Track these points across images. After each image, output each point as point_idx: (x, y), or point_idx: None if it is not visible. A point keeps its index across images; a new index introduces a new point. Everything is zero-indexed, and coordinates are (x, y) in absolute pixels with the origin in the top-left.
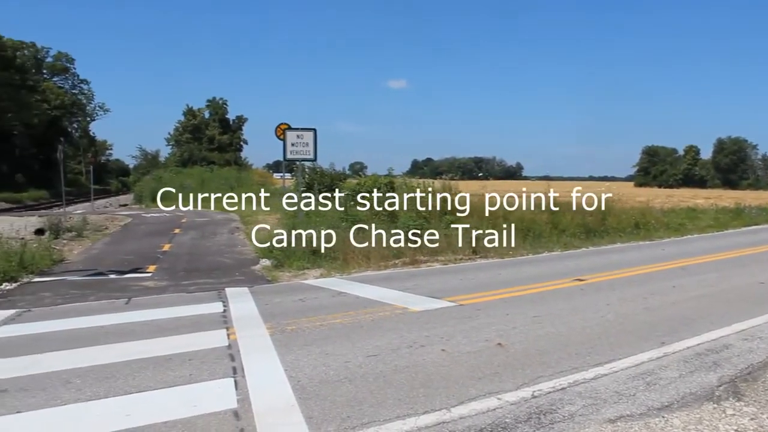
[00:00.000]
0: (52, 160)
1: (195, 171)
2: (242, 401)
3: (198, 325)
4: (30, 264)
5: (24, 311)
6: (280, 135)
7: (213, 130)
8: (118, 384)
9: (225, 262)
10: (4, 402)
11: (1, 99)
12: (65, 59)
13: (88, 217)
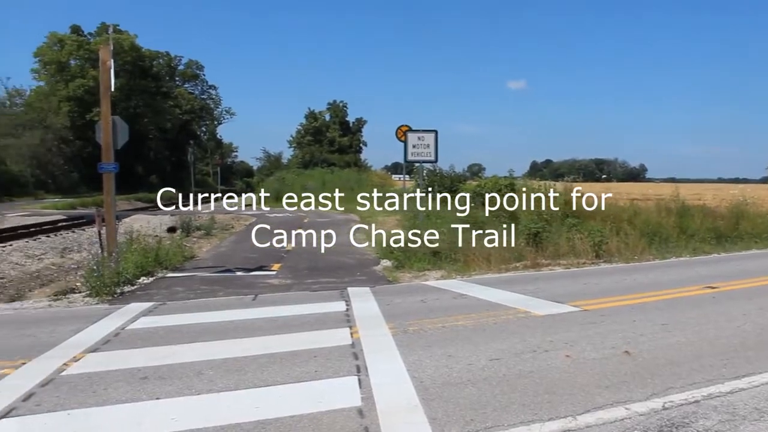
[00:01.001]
0: (183, 162)
1: (316, 172)
2: (366, 399)
3: (322, 323)
4: (164, 260)
5: (160, 304)
6: (401, 137)
7: (333, 132)
8: (247, 377)
9: (346, 261)
10: (145, 388)
11: (138, 105)
12: (196, 66)
13: (215, 216)
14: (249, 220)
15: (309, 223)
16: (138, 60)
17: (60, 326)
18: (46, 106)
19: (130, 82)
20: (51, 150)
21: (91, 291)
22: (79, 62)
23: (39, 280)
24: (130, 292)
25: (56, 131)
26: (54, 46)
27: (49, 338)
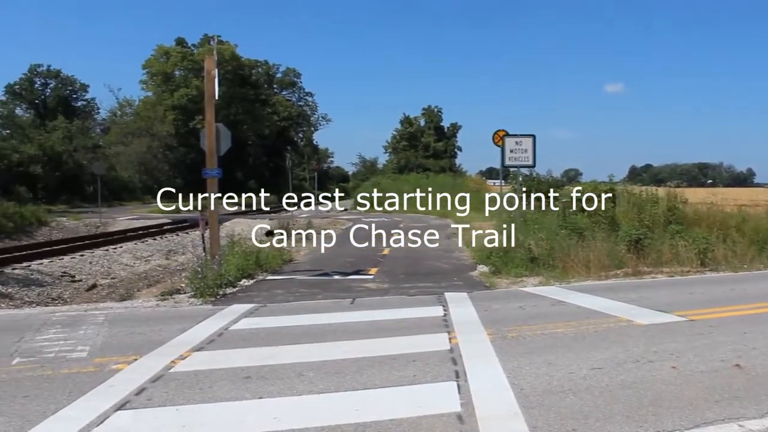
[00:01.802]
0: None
1: (411, 177)
2: (465, 405)
3: (420, 327)
4: (264, 263)
5: (261, 306)
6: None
7: (428, 137)
8: (346, 380)
9: (442, 266)
10: (249, 387)
11: (238, 112)
12: (293, 74)
13: (312, 220)
14: (345, 224)
15: (405, 228)
16: (238, 69)
17: (167, 325)
18: (153, 115)
19: (231, 90)
20: (157, 157)
21: (196, 292)
22: (183, 72)
23: (146, 281)
24: (232, 294)
25: (162, 139)
26: (160, 58)
27: (157, 336)
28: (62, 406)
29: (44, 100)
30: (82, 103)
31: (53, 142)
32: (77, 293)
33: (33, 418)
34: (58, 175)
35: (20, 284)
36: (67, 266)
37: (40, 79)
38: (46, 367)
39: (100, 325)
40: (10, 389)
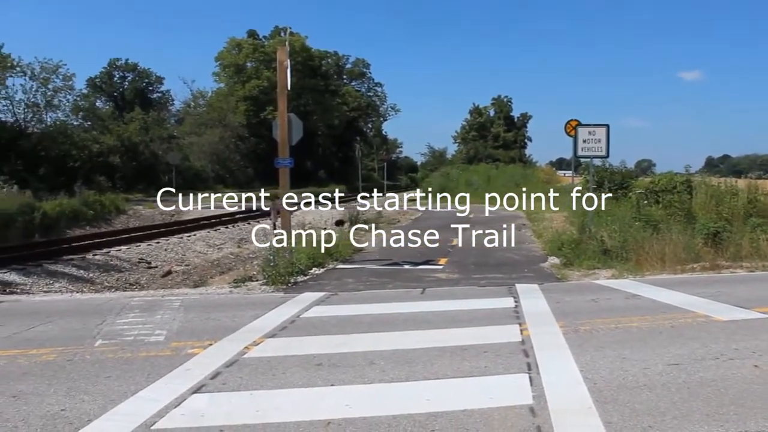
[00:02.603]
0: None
1: (481, 168)
2: (537, 398)
3: (491, 318)
4: (335, 252)
5: (331, 294)
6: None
7: (498, 127)
8: (417, 369)
9: (513, 258)
10: (321, 375)
11: (308, 103)
12: (362, 65)
13: (382, 210)
14: (414, 214)
15: (474, 219)
16: (308, 60)
17: (240, 312)
18: (225, 106)
19: (301, 81)
20: (229, 147)
21: (268, 280)
22: (255, 64)
23: (219, 268)
24: (303, 282)
25: (234, 129)
26: (233, 50)
27: (231, 322)
28: (141, 387)
29: (122, 93)
30: (157, 95)
31: (130, 132)
32: (153, 279)
33: (115, 397)
34: (135, 165)
35: (100, 270)
36: (143, 253)
37: (118, 72)
38: (126, 350)
39: (176, 311)
40: (94, 369)
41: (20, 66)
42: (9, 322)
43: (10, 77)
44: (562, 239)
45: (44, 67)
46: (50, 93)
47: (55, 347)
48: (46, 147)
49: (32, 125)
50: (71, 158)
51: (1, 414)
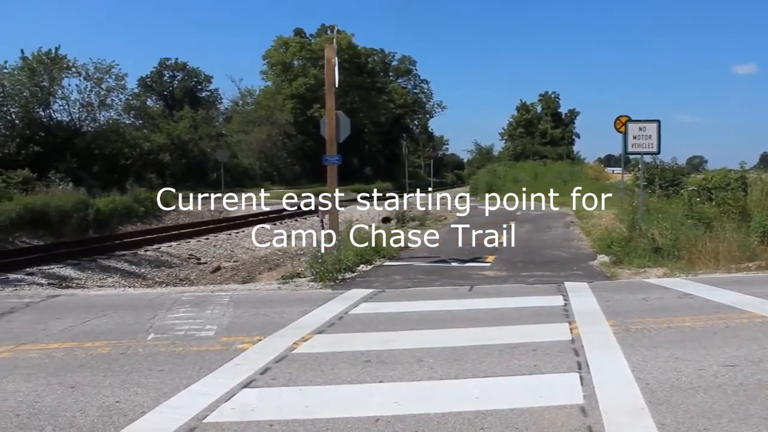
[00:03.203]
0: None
1: (528, 165)
2: (588, 398)
3: (539, 316)
4: (382, 249)
5: (379, 291)
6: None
7: (545, 124)
8: (466, 367)
9: (561, 255)
10: (369, 371)
11: (354, 100)
12: (408, 62)
13: (428, 208)
14: (461, 211)
15: (521, 216)
16: (354, 58)
17: (289, 308)
18: (273, 104)
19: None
20: (276, 144)
21: (315, 276)
22: (302, 62)
23: (267, 264)
24: (350, 279)
25: (281, 127)
26: (280, 48)
27: (280, 318)
28: (193, 381)
29: (172, 92)
30: (206, 94)
31: (180, 131)
32: (203, 275)
33: (167, 390)
34: (184, 163)
35: (151, 265)
36: (193, 249)
37: (168, 72)
38: (178, 344)
39: (225, 306)
40: (147, 363)
41: (75, 67)
42: (66, 315)
43: (66, 78)
44: (612, 237)
45: (98, 67)
46: (103, 93)
47: (109, 340)
48: (99, 145)
49: (86, 124)
50: (123, 156)
51: (60, 404)
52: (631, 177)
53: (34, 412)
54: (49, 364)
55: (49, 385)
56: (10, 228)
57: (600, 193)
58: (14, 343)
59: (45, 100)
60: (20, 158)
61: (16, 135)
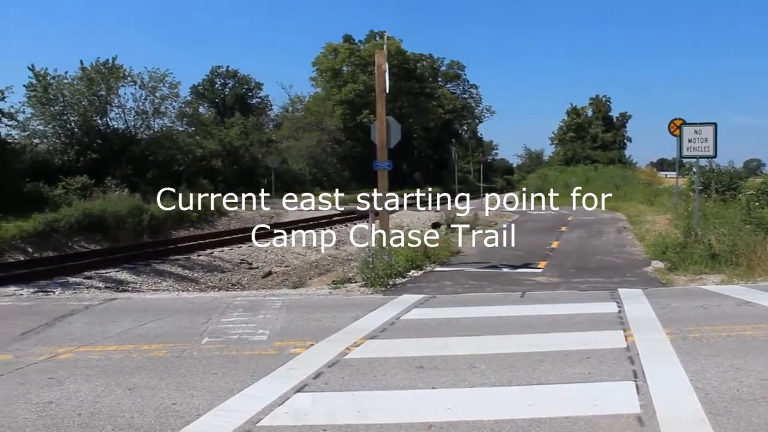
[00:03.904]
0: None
1: (579, 169)
2: (645, 407)
3: (593, 323)
4: (432, 254)
5: (430, 297)
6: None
7: (596, 128)
8: (519, 374)
9: (614, 261)
10: (422, 377)
11: (403, 106)
12: (457, 67)
13: (478, 213)
14: (511, 216)
15: (573, 221)
16: (403, 63)
17: (340, 313)
18: (322, 110)
19: (397, 84)
20: (326, 150)
21: (366, 281)
22: (351, 68)
23: (317, 269)
24: (401, 284)
25: (330, 133)
26: (329, 55)
27: (332, 323)
28: (246, 385)
29: (223, 99)
30: (256, 101)
31: (231, 137)
32: (254, 280)
33: (222, 393)
34: (235, 168)
35: (204, 270)
36: (244, 254)
37: (220, 79)
38: (231, 348)
39: (277, 311)
40: (201, 366)
41: (131, 76)
42: (122, 318)
43: (122, 87)
44: (666, 243)
45: (152, 76)
46: (158, 101)
47: (165, 343)
48: (153, 152)
49: (141, 132)
50: (176, 162)
51: (119, 404)
52: (685, 181)
53: (95, 412)
54: (108, 365)
55: (108, 386)
56: (69, 232)
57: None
58: (75, 345)
59: (102, 108)
60: (79, 165)
61: (75, 143)
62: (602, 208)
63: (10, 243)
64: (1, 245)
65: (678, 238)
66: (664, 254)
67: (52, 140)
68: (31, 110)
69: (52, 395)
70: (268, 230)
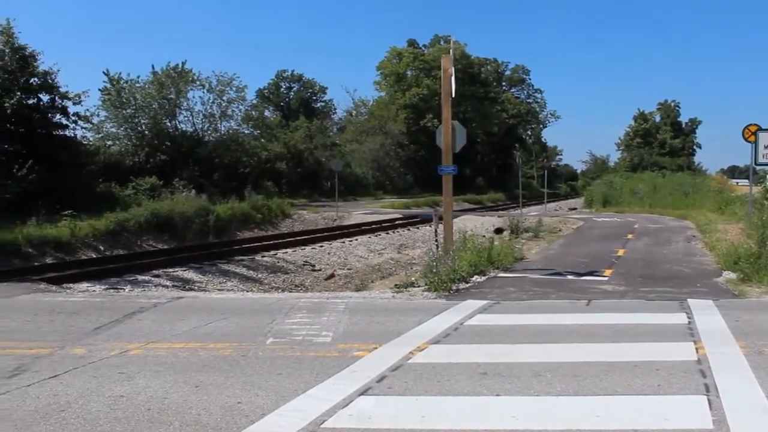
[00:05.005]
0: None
1: (645, 176)
2: (718, 423)
3: (662, 334)
4: (496, 260)
5: (494, 303)
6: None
7: (664, 133)
8: (585, 384)
9: (683, 271)
10: (486, 384)
11: (467, 110)
12: (522, 71)
13: (542, 219)
14: (576, 223)
15: (640, 229)
16: (467, 67)
17: (404, 317)
18: (386, 114)
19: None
20: (389, 154)
21: (429, 286)
22: (415, 72)
23: (380, 273)
24: (464, 290)
25: (394, 137)
26: (393, 59)
27: (395, 327)
28: (311, 386)
29: (288, 103)
30: (321, 104)
31: (296, 140)
32: (317, 281)
33: (286, 394)
34: (299, 171)
35: (268, 270)
36: (307, 256)
37: (285, 83)
38: (295, 349)
39: (341, 313)
40: (266, 366)
41: (200, 80)
42: (190, 316)
43: (191, 90)
44: (739, 253)
45: (220, 80)
46: (225, 104)
47: (230, 342)
48: (219, 154)
49: (208, 134)
50: (242, 164)
51: (186, 401)
52: (760, 189)
53: (163, 408)
54: (176, 362)
55: (175, 382)
56: (138, 232)
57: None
58: (144, 341)
59: (171, 111)
60: (148, 166)
61: (145, 145)
62: (670, 215)
63: (83, 241)
64: (76, 243)
65: (751, 248)
66: (737, 265)
67: (123, 142)
68: (105, 113)
69: (123, 390)
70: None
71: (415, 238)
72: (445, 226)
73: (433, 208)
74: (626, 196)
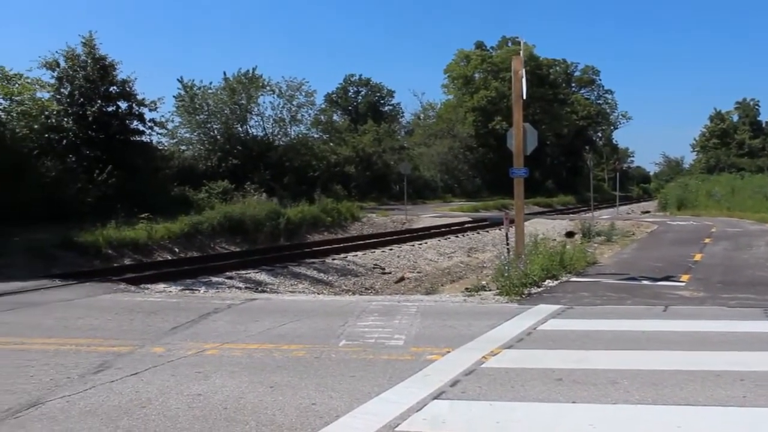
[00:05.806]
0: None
1: (723, 178)
2: None
3: (745, 342)
4: (568, 264)
5: (567, 308)
6: None
7: (743, 134)
8: (665, 393)
9: (766, 277)
10: (561, 390)
11: (536, 112)
12: (591, 72)
13: (614, 222)
14: (650, 227)
15: (717, 233)
16: (536, 69)
17: (476, 321)
18: (454, 117)
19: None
20: (457, 157)
21: (501, 290)
22: (483, 75)
23: (449, 276)
24: (537, 294)
25: (462, 140)
26: (461, 62)
27: (467, 331)
28: (384, 389)
29: (356, 107)
30: (388, 108)
31: (364, 144)
32: (387, 284)
33: (360, 396)
34: (368, 175)
35: (338, 273)
36: (377, 259)
37: (353, 87)
38: (368, 351)
39: (412, 316)
40: (339, 368)
41: (270, 85)
42: (263, 318)
43: (262, 95)
44: None
45: (290, 85)
46: (294, 109)
47: (304, 344)
48: (290, 158)
49: (278, 138)
50: (311, 168)
51: (261, 401)
52: None
53: (239, 407)
54: (250, 363)
55: (251, 382)
56: (211, 234)
57: None
58: (220, 341)
59: (243, 116)
60: (220, 170)
61: (217, 149)
62: (750, 219)
63: (159, 243)
64: (152, 245)
65: None
66: None
67: (197, 147)
68: (179, 119)
69: (201, 388)
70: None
71: (485, 242)
72: (517, 229)
73: (502, 211)
74: (702, 198)
